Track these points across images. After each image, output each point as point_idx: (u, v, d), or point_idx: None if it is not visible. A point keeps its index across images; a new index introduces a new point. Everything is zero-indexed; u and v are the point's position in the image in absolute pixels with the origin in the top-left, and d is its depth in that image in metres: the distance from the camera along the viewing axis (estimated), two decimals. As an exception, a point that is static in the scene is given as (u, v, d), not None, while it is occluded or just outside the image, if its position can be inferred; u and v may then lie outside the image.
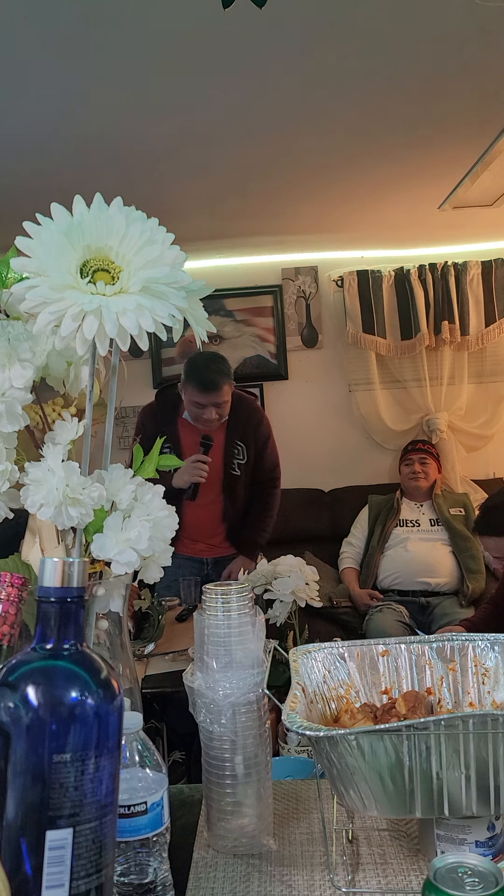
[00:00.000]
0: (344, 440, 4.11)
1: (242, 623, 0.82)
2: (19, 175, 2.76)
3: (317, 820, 0.89)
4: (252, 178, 2.99)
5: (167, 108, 2.34)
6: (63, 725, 0.56)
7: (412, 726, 0.70)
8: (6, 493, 0.75)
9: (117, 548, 0.73)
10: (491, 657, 0.92)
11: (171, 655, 2.18)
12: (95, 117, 2.37)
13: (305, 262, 4.11)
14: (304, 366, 4.14)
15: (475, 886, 0.58)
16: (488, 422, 4.09)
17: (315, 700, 0.88)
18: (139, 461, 0.81)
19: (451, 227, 3.73)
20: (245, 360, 4.10)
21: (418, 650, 0.95)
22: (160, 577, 0.79)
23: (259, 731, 0.83)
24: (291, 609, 1.78)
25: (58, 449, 0.73)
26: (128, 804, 0.70)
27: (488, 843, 0.75)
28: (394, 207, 3.41)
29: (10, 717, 0.56)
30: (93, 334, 0.66)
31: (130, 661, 0.84)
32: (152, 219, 0.72)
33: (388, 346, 4.01)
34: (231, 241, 3.83)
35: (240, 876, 0.79)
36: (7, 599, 0.69)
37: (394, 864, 0.80)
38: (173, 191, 3.06)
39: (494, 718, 0.69)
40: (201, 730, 0.83)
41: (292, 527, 3.78)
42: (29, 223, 0.69)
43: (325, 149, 2.73)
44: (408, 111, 2.46)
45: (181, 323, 0.73)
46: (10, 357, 0.72)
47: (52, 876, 0.55)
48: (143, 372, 4.07)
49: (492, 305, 3.99)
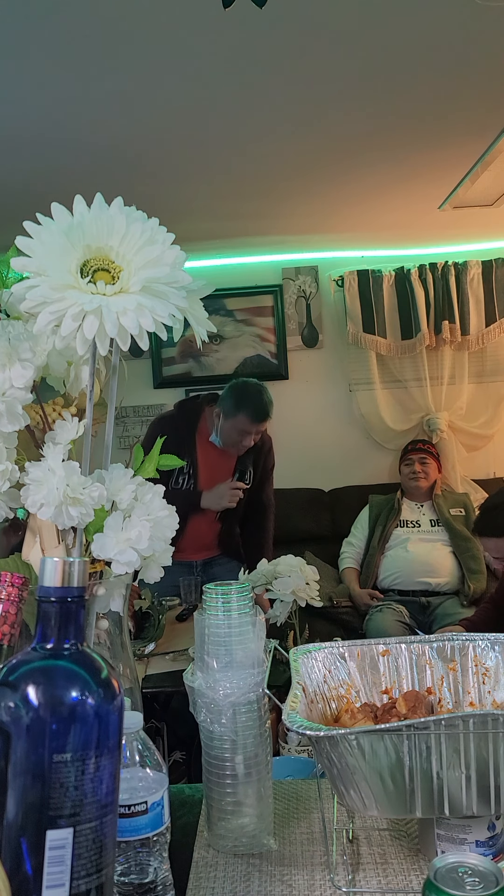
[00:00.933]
0: (344, 440, 4.11)
1: (243, 623, 0.83)
2: (20, 175, 2.76)
3: (317, 820, 0.90)
4: (252, 177, 2.99)
5: (168, 108, 2.34)
6: (63, 725, 0.56)
7: (412, 726, 0.70)
8: (7, 493, 0.75)
9: (118, 547, 0.73)
10: (491, 657, 0.92)
11: (172, 655, 2.18)
12: (96, 118, 2.37)
13: (306, 261, 4.10)
14: (305, 365, 4.14)
15: (475, 886, 0.58)
16: (488, 421, 4.09)
17: (315, 700, 0.88)
18: (139, 461, 0.81)
19: (451, 227, 3.73)
20: (245, 360, 4.10)
21: (419, 650, 0.95)
22: (160, 576, 0.79)
23: (259, 731, 0.83)
24: (292, 609, 1.78)
25: (58, 449, 0.73)
26: (128, 804, 0.70)
27: (489, 843, 0.75)
28: (394, 207, 3.41)
29: (11, 717, 0.56)
30: (93, 334, 0.66)
31: (131, 660, 0.84)
32: (153, 219, 0.71)
33: (389, 346, 4.01)
34: (231, 241, 3.83)
35: (240, 876, 0.79)
36: (7, 599, 0.69)
37: (394, 863, 0.80)
38: (174, 191, 3.06)
39: (495, 718, 0.69)
40: (202, 729, 0.83)
41: (293, 526, 3.78)
42: (29, 223, 0.69)
43: (326, 149, 2.73)
44: (408, 111, 2.46)
45: (181, 323, 0.73)
46: (11, 357, 0.72)
47: (52, 875, 0.55)
48: (143, 372, 4.07)
49: (492, 305, 3.99)
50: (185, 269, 0.72)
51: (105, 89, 2.19)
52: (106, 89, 2.19)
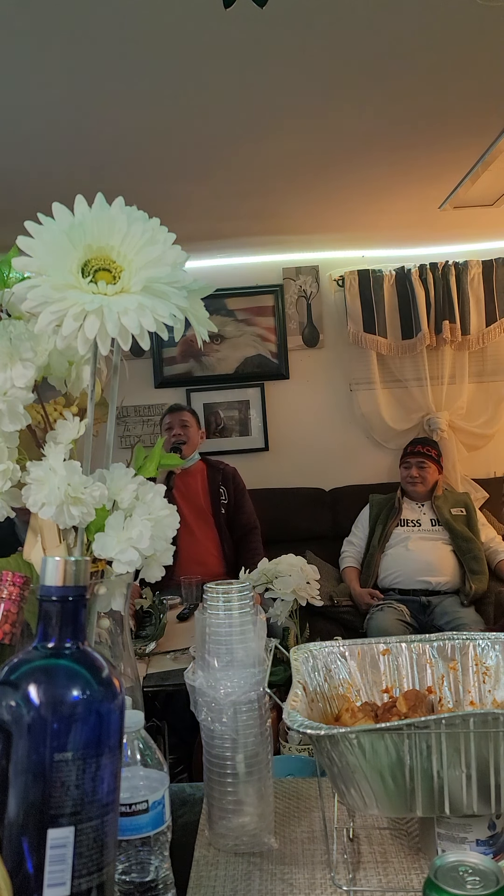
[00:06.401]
0: (345, 439, 4.12)
1: (244, 622, 0.83)
2: (21, 175, 2.76)
3: (318, 818, 0.90)
4: (253, 177, 2.99)
5: (168, 108, 2.34)
6: (64, 724, 0.56)
7: (413, 725, 0.70)
8: (8, 493, 0.75)
9: (119, 547, 0.73)
10: (492, 656, 0.92)
11: (173, 654, 2.18)
12: (97, 118, 2.37)
13: (306, 261, 4.11)
14: (305, 365, 4.14)
15: (476, 885, 0.58)
16: (489, 421, 4.09)
17: (316, 699, 0.88)
18: (140, 461, 0.81)
19: (451, 227, 3.73)
20: (246, 360, 4.10)
21: (419, 649, 0.95)
22: (161, 575, 0.79)
23: (260, 730, 0.83)
24: (292, 608, 1.78)
25: (59, 448, 0.73)
26: (129, 803, 0.70)
27: (489, 842, 0.75)
28: (394, 207, 3.41)
29: (12, 716, 0.56)
30: (94, 334, 0.66)
31: (132, 659, 0.85)
32: (154, 218, 0.72)
33: (389, 346, 4.01)
34: (232, 241, 3.83)
35: (241, 874, 0.79)
36: (9, 598, 0.69)
37: (395, 862, 0.80)
38: (175, 191, 3.06)
39: (495, 717, 0.69)
40: (202, 728, 0.83)
41: (293, 526, 3.78)
42: (30, 223, 0.69)
43: (326, 149, 2.73)
44: (408, 111, 2.46)
45: (182, 322, 0.73)
46: (12, 356, 0.73)
47: (53, 874, 0.55)
48: (144, 371, 4.08)
49: (492, 305, 3.99)
50: (186, 269, 0.72)
51: (106, 89, 2.19)
52: (106, 89, 2.19)
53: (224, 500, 3.36)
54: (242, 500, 3.43)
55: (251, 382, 4.10)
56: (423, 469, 3.55)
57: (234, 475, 3.46)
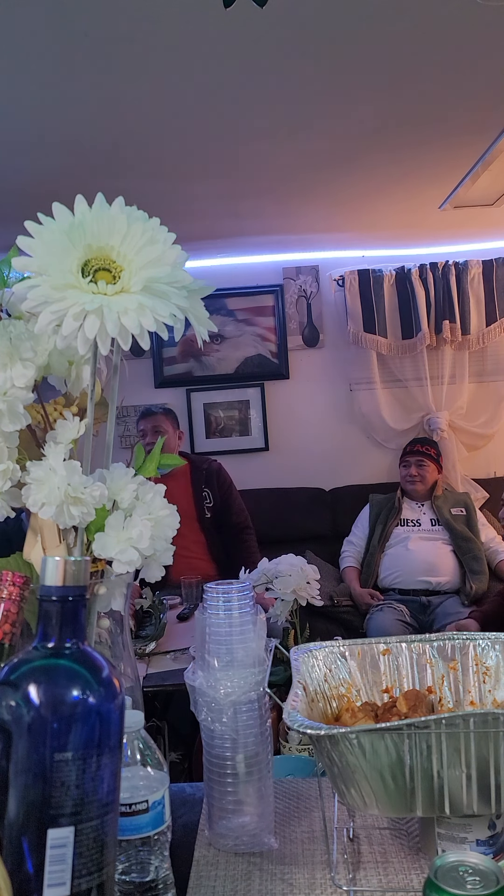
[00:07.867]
0: (345, 439, 4.12)
1: (244, 622, 0.83)
2: (21, 175, 2.76)
3: (318, 818, 0.90)
4: (252, 178, 2.98)
5: (168, 108, 2.33)
6: (64, 724, 0.56)
7: (413, 725, 0.70)
8: (8, 492, 0.75)
9: (119, 547, 0.73)
10: (492, 656, 0.92)
11: (173, 654, 2.18)
12: (97, 118, 2.37)
13: (306, 261, 4.11)
14: (306, 365, 4.14)
15: (476, 885, 0.58)
16: (489, 421, 4.09)
17: (316, 699, 0.88)
18: (140, 460, 0.81)
19: (451, 227, 3.73)
20: (246, 360, 4.10)
21: (419, 649, 0.95)
22: (162, 575, 0.79)
23: (260, 730, 0.83)
24: (292, 608, 1.78)
25: (59, 448, 0.73)
26: (129, 802, 0.70)
27: (489, 842, 0.75)
28: (394, 207, 3.41)
29: (12, 716, 0.56)
30: (94, 334, 0.66)
31: (132, 659, 0.85)
32: (154, 218, 0.71)
33: (389, 346, 4.00)
34: (232, 241, 3.83)
35: (241, 874, 0.79)
36: (9, 598, 0.69)
37: (395, 862, 0.80)
38: (175, 191, 3.06)
39: (495, 717, 0.69)
40: (202, 728, 0.83)
41: (293, 526, 3.79)
42: (30, 222, 0.69)
43: (326, 149, 2.73)
44: (408, 111, 2.46)
45: (182, 322, 0.73)
46: (12, 356, 0.73)
47: (53, 874, 0.55)
48: (144, 371, 4.08)
49: (493, 305, 3.99)
50: (186, 269, 0.72)
51: (106, 89, 2.19)
52: (107, 89, 2.19)
53: (209, 503, 3.30)
54: (230, 498, 3.36)
55: (251, 382, 4.10)
56: (422, 468, 3.54)
57: (218, 472, 3.38)
